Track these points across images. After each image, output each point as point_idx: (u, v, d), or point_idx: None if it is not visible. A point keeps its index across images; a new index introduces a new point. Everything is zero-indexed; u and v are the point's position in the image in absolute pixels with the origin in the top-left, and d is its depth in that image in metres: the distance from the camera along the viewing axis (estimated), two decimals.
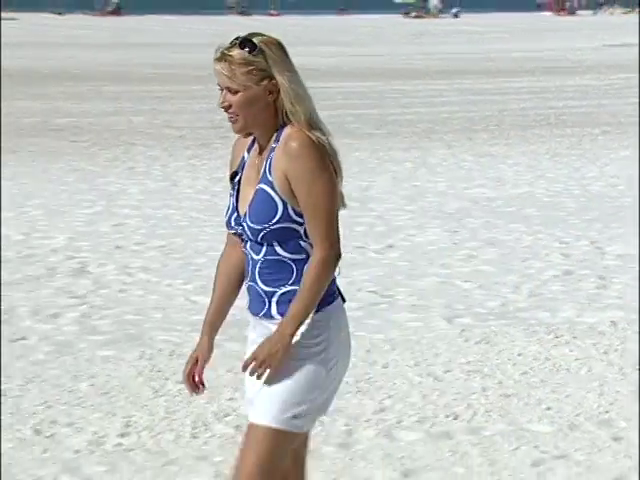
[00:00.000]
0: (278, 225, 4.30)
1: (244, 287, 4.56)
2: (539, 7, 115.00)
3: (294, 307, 4.29)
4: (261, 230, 4.31)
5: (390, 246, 12.83)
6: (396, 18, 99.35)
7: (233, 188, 4.50)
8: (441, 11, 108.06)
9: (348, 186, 15.21)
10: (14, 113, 26.20)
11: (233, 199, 4.47)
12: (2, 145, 20.48)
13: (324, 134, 4.35)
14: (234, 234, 4.48)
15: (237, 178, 4.49)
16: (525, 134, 23.29)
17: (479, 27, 79.57)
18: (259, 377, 4.36)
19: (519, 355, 8.71)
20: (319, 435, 7.00)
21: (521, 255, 12.35)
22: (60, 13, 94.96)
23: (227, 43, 4.33)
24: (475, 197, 16.00)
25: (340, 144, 14.39)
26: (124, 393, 7.83)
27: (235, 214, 4.44)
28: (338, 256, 4.31)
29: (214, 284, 4.67)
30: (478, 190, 16.59)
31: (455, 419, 7.34)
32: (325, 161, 4.28)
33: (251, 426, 4.47)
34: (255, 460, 4.41)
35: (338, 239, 4.31)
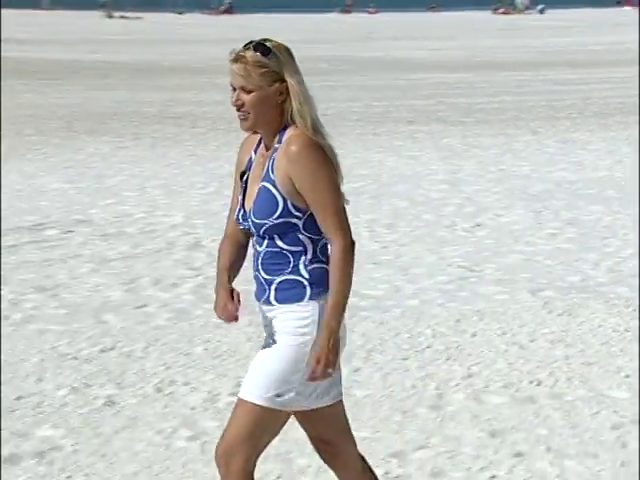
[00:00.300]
0: (279, 220, 4.31)
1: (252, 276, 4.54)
2: (619, 3, 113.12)
3: (333, 299, 4.28)
4: (263, 225, 4.32)
5: (478, 225, 12.76)
6: (485, 14, 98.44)
7: (241, 186, 4.49)
8: (527, 7, 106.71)
9: (439, 169, 15.43)
10: (138, 102, 26.44)
11: (241, 197, 4.47)
12: (127, 131, 20.72)
13: (324, 137, 4.34)
14: (242, 229, 4.48)
15: (245, 177, 4.49)
16: (606, 121, 22.98)
17: (563, 22, 78.56)
18: (329, 375, 4.35)
19: (599, 327, 8.65)
20: (412, 397, 7.03)
21: (601, 234, 12.23)
22: (180, 12, 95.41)
23: (240, 46, 4.33)
24: (558, 180, 15.84)
25: (431, 130, 14.59)
26: (234, 356, 7.90)
27: (242, 211, 4.44)
28: (353, 243, 4.30)
29: (218, 258, 4.61)
30: (560, 173, 16.42)
31: (538, 385, 7.31)
32: (325, 160, 4.28)
33: (239, 401, 4.50)
34: (238, 432, 4.47)
35: (349, 228, 4.30)
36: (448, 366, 7.71)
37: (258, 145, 4.48)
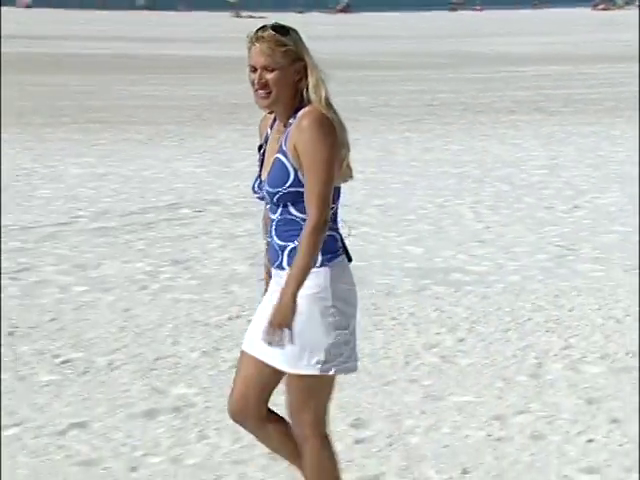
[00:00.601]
0: (291, 189, 4.23)
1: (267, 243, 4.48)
2: None
3: (293, 270, 4.19)
4: (276, 193, 4.26)
5: (576, 207, 12.62)
6: (585, 11, 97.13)
7: (259, 159, 4.47)
8: (627, 3, 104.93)
9: (539, 155, 15.25)
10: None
11: (258, 168, 4.45)
12: (253, 120, 20.83)
13: (336, 112, 4.25)
14: (258, 197, 4.44)
15: (262, 150, 4.47)
16: None
17: None
18: (278, 341, 4.22)
19: None
20: (513, 366, 7.00)
21: None
22: (300, 12, 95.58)
23: (257, 29, 4.24)
24: None
25: (532, 119, 14.40)
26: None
27: (258, 181, 4.40)
28: (326, 222, 4.17)
29: (264, 233, 4.57)
30: None
31: (634, 357, 7.21)
32: (330, 137, 4.17)
33: (289, 376, 4.37)
34: (299, 406, 4.39)
35: (327, 207, 4.18)
36: (547, 338, 7.64)
37: (273, 122, 4.43)
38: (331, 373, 4.33)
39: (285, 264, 4.29)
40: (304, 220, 4.22)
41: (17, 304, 8.50)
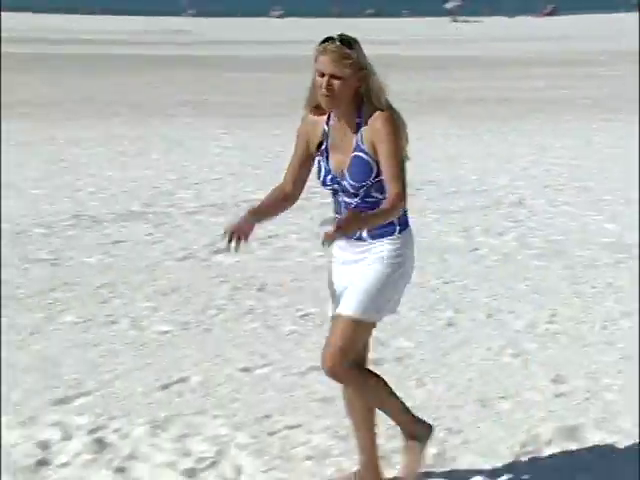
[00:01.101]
0: (376, 179, 4.26)
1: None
2: None
3: (375, 214, 4.16)
4: (363, 186, 4.27)
5: None
6: None
7: (322, 155, 4.38)
8: None
9: None
10: (478, 88, 26.37)
11: (324, 163, 4.37)
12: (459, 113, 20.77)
13: (397, 112, 4.27)
14: (330, 189, 4.37)
15: (323, 147, 4.38)
16: None
17: None
18: (327, 237, 4.04)
19: None
20: None
21: None
22: (511, 16, 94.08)
23: (327, 40, 4.19)
24: None
25: None
26: (552, 293, 7.86)
27: (330, 175, 4.35)
28: (406, 197, 4.20)
29: (265, 197, 4.52)
30: None
31: None
32: (399, 131, 4.23)
33: (338, 316, 4.35)
34: (339, 344, 4.32)
35: (406, 185, 4.21)
36: None
37: (328, 120, 4.40)
38: (377, 321, 4.42)
39: (367, 236, 4.35)
40: (380, 200, 4.28)
41: (267, 265, 8.76)
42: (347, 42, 4.21)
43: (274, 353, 6.50)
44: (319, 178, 4.41)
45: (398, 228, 4.35)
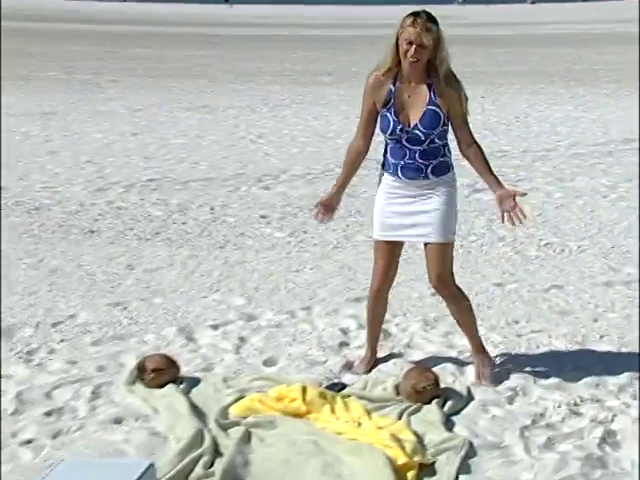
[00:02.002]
0: (443, 128, 4.31)
1: (397, 166, 4.38)
2: None
3: (492, 170, 4.41)
4: (431, 133, 4.28)
5: None
6: None
7: (389, 110, 4.32)
8: None
9: None
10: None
11: (393, 116, 4.30)
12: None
13: (456, 76, 4.35)
14: (393, 138, 4.34)
15: (390, 103, 4.32)
16: None
17: None
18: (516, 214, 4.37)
19: None
20: None
21: None
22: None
23: (415, 14, 4.23)
24: None
25: None
26: None
27: (400, 125, 4.30)
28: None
29: (345, 163, 4.56)
30: None
31: None
32: (464, 92, 4.33)
33: (436, 246, 4.38)
34: (447, 267, 4.43)
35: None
36: None
37: (394, 81, 4.32)
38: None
39: (430, 174, 4.35)
40: (442, 146, 4.35)
41: None
42: (432, 18, 4.29)
43: (521, 273, 6.45)
44: (387, 129, 4.38)
45: (451, 166, 4.44)
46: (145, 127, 13.00)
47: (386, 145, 4.45)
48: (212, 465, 3.65)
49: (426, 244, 4.44)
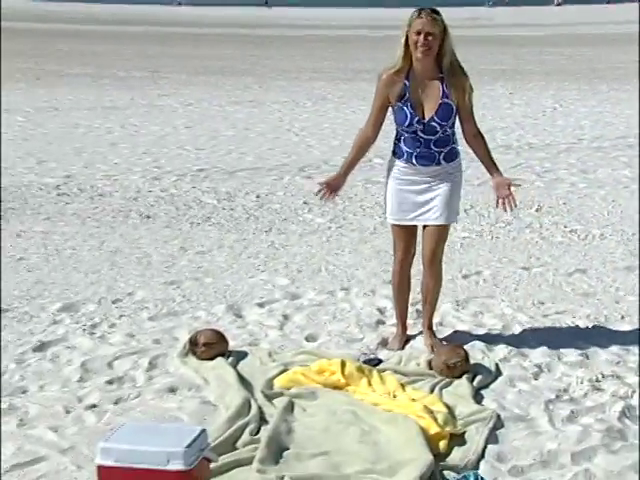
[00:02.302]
0: (454, 119, 4.34)
1: (411, 154, 4.38)
2: None
3: (494, 161, 4.45)
4: (446, 124, 4.30)
5: None
6: None
7: (405, 104, 4.31)
8: None
9: None
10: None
11: (410, 109, 4.30)
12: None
13: (463, 67, 4.35)
14: (410, 130, 4.32)
15: (405, 97, 4.31)
16: None
17: None
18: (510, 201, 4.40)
19: None
20: None
21: None
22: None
23: (420, 9, 4.27)
24: None
25: None
26: None
27: (416, 118, 4.30)
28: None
29: (353, 147, 4.56)
30: None
31: None
32: (471, 84, 4.33)
33: (436, 227, 4.41)
34: (442, 247, 4.48)
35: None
36: None
37: (407, 76, 4.31)
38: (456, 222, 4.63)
39: (442, 160, 4.37)
40: (452, 134, 4.37)
41: (543, 192, 8.45)
42: (435, 10, 4.31)
43: (547, 257, 6.38)
44: (404, 122, 4.37)
45: (458, 153, 4.46)
46: (196, 120, 13.05)
47: (399, 135, 4.44)
48: (258, 432, 3.67)
49: (431, 225, 4.46)
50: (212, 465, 3.23)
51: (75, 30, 36.48)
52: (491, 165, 4.45)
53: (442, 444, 3.58)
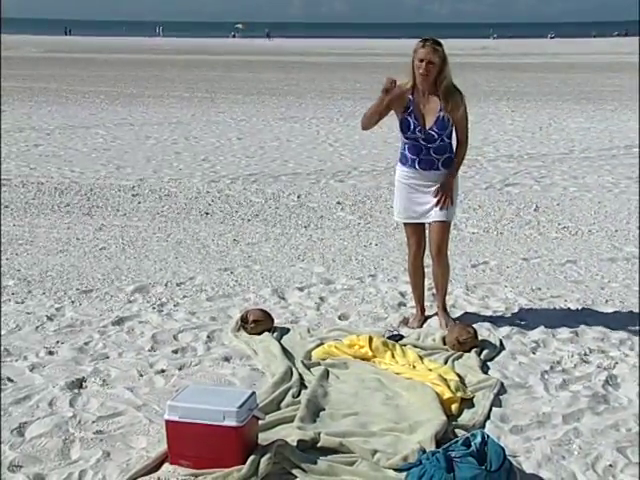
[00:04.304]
0: (450, 130, 4.26)
1: (414, 160, 4.34)
2: None
3: (454, 167, 4.33)
4: (442, 134, 4.23)
5: None
6: None
7: (409, 115, 4.25)
8: None
9: None
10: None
11: (414, 120, 4.24)
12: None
13: (459, 89, 4.26)
14: (413, 138, 4.27)
15: (410, 109, 4.25)
16: None
17: None
18: (445, 201, 4.29)
19: None
20: None
21: None
22: None
23: (425, 39, 4.19)
24: None
25: None
26: None
27: (419, 127, 4.24)
28: (468, 140, 4.35)
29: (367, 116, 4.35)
30: None
31: None
32: (465, 101, 4.25)
33: (440, 223, 4.34)
34: (445, 240, 4.40)
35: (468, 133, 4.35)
36: None
37: (412, 93, 4.26)
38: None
39: (440, 166, 4.31)
40: (449, 143, 4.29)
41: (540, 194, 8.33)
42: (437, 42, 4.23)
43: (543, 250, 6.29)
44: (408, 130, 4.31)
45: (454, 161, 4.35)
46: (247, 133, 13.05)
47: (404, 144, 4.40)
48: (299, 395, 3.65)
49: (434, 221, 4.42)
50: (260, 422, 3.23)
51: (147, 59, 36.69)
52: (452, 168, 4.36)
53: (454, 407, 3.54)
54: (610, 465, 3.09)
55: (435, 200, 4.35)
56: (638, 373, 3.89)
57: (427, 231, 4.52)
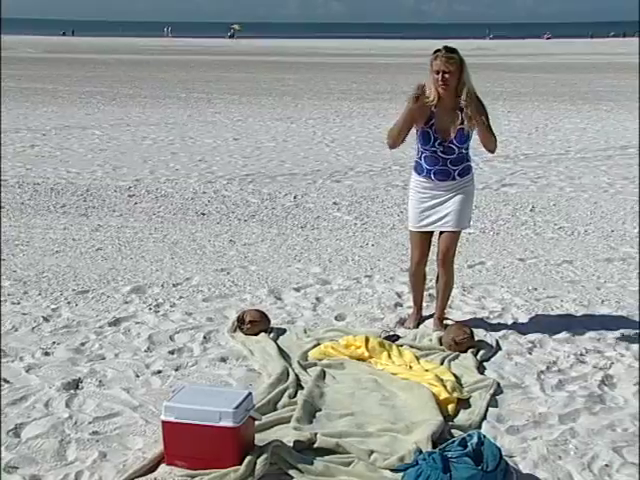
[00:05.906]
0: (469, 142, 4.24)
1: (430, 171, 4.29)
2: None
3: (488, 126, 4.18)
4: (462, 147, 4.21)
5: None
6: None
7: (430, 128, 4.20)
8: None
9: None
10: None
11: (434, 133, 4.20)
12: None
13: (480, 97, 4.20)
14: (431, 149, 4.23)
15: (431, 122, 4.20)
16: None
17: None
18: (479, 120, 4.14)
19: None
20: None
21: None
22: None
23: (437, 50, 4.15)
24: None
25: None
26: None
27: (438, 140, 4.21)
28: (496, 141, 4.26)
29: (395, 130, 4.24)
30: None
31: None
32: (486, 109, 4.19)
33: (449, 232, 4.31)
34: (453, 248, 4.35)
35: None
36: None
37: (435, 106, 4.19)
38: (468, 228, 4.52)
39: (457, 176, 4.28)
40: (467, 153, 4.26)
41: (536, 194, 8.33)
42: (451, 49, 4.19)
43: (540, 250, 6.29)
44: (428, 143, 4.27)
45: (472, 169, 4.36)
46: (243, 134, 13.05)
47: (421, 154, 4.34)
48: (295, 396, 3.65)
49: (445, 230, 4.38)
50: (256, 423, 3.22)
51: (144, 59, 36.66)
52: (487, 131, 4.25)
53: (450, 407, 3.54)
54: (606, 465, 3.10)
55: (448, 209, 4.31)
56: (638, 373, 3.88)
57: (436, 238, 4.48)
